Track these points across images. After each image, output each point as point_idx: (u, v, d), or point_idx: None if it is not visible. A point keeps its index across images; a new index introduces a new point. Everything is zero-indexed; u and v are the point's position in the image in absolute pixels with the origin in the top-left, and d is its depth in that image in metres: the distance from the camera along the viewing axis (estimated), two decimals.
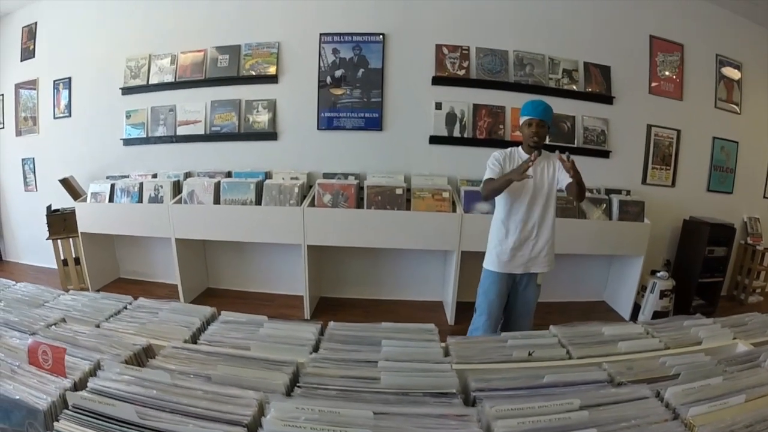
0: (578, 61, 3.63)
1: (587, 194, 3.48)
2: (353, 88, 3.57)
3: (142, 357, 1.16)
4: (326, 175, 3.51)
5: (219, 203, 3.34)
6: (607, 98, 3.65)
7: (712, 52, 3.84)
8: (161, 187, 3.52)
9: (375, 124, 3.57)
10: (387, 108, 3.58)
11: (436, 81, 3.54)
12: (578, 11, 3.58)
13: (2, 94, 4.76)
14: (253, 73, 3.65)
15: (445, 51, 3.54)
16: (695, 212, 3.82)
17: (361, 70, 3.55)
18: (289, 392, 1.02)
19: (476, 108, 3.56)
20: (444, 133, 3.55)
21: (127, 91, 3.92)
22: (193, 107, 3.75)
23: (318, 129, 3.60)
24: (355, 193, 3.25)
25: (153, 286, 3.95)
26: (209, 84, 3.71)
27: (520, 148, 2.47)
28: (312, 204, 3.24)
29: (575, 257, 3.60)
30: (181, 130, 3.77)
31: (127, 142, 3.94)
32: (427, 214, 3.18)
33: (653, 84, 3.72)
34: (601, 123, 3.64)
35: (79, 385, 0.99)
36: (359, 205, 3.26)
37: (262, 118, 3.66)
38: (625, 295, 3.58)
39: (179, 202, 3.41)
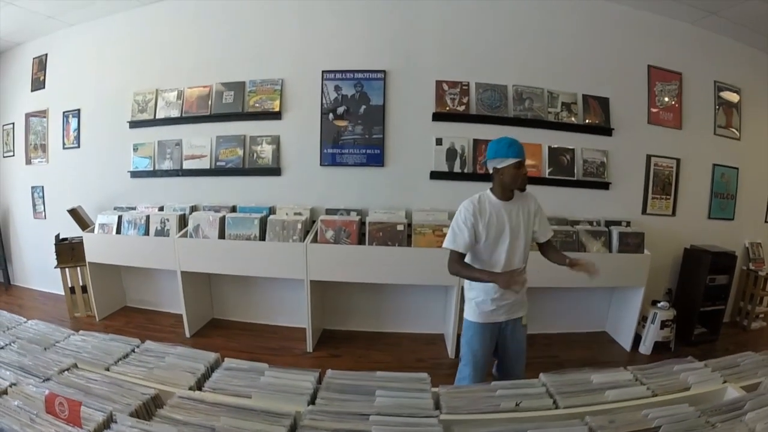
0: (577, 94, 3.67)
1: (588, 227, 3.55)
2: (355, 124, 3.62)
3: (151, 406, 1.24)
4: (329, 211, 3.57)
5: (224, 237, 3.40)
6: (606, 130, 3.69)
7: (710, 78, 3.88)
8: (167, 220, 3.60)
9: (377, 160, 3.62)
10: (388, 144, 3.63)
11: (437, 117, 3.59)
12: (576, 45, 3.63)
13: (12, 123, 4.88)
14: (258, 109, 3.72)
15: (445, 87, 3.60)
16: (696, 240, 3.84)
17: (363, 106, 3.60)
18: None
19: (476, 143, 3.61)
20: (445, 168, 3.59)
21: (134, 124, 4.02)
22: (199, 142, 3.83)
23: (321, 165, 3.65)
24: (357, 229, 3.30)
25: (159, 316, 4.01)
26: (215, 119, 3.78)
27: (489, 192, 2.25)
28: (315, 240, 3.29)
29: (576, 289, 3.62)
30: (188, 164, 3.85)
31: (134, 174, 4.03)
32: (427, 250, 3.22)
33: (652, 113, 3.75)
34: (600, 155, 3.67)
35: None
36: (361, 241, 3.30)
37: (266, 154, 3.73)
38: (626, 325, 3.59)
39: (185, 235, 3.48)
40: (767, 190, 4.20)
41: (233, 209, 3.71)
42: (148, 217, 3.65)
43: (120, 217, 3.73)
